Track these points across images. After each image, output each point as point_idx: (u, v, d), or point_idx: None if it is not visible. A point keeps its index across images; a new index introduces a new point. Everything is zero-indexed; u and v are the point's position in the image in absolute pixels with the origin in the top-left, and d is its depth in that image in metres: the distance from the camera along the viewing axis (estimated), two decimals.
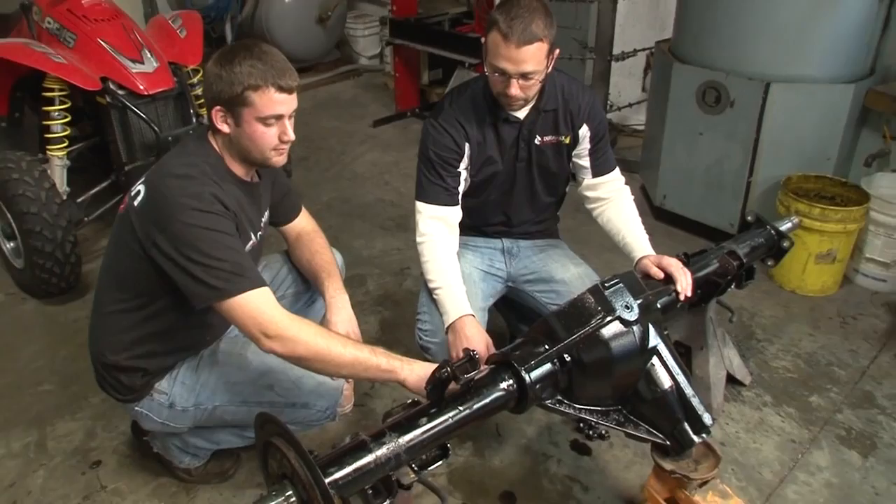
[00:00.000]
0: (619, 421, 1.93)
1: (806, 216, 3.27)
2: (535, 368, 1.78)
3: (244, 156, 1.98)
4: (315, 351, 1.80)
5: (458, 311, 2.23)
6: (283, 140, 1.94)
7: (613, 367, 1.84)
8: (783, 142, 3.55)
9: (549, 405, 1.86)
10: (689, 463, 1.95)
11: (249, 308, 1.82)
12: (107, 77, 3.44)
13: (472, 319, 2.23)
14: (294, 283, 2.44)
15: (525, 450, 2.59)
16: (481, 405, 1.71)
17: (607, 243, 2.58)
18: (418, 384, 1.77)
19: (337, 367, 1.82)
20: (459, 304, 2.26)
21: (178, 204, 1.82)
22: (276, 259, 2.47)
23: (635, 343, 1.85)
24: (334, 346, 1.81)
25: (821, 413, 2.75)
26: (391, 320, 3.30)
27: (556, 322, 1.87)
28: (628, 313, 1.85)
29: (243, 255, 1.87)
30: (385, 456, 1.55)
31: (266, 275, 2.40)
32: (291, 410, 2.14)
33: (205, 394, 2.13)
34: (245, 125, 1.90)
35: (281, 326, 1.81)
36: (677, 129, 3.84)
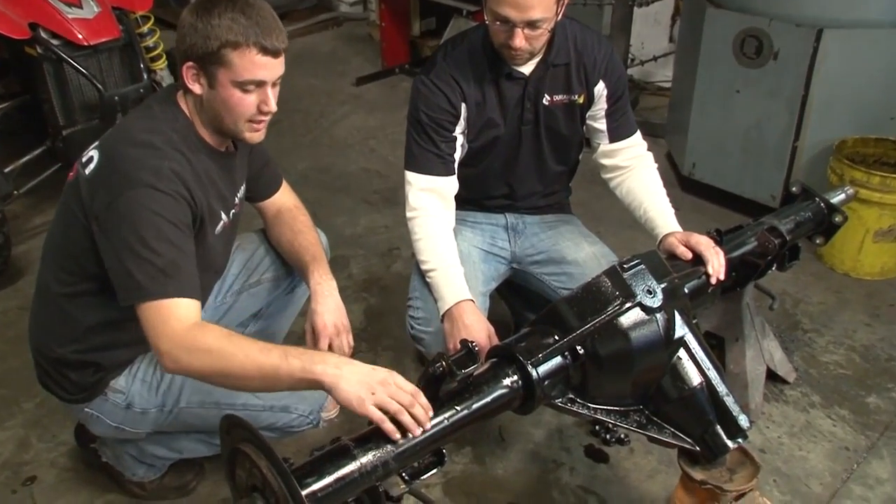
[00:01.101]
0: (640, 423, 1.96)
1: (863, 186, 3.28)
2: (543, 362, 1.81)
3: (215, 123, 1.98)
4: (211, 364, 1.75)
5: (456, 297, 2.27)
6: (263, 111, 1.94)
7: (634, 361, 1.87)
8: (837, 99, 3.55)
9: (559, 405, 1.89)
10: (723, 472, 1.98)
11: (157, 316, 1.79)
12: (37, 24, 3.38)
13: (472, 306, 2.26)
14: (272, 266, 2.46)
15: (532, 456, 2.63)
16: (481, 405, 1.75)
17: (627, 219, 2.60)
18: (350, 396, 1.65)
19: (242, 381, 1.77)
20: (457, 288, 2.29)
21: (133, 178, 1.82)
22: (251, 239, 2.48)
23: (659, 333, 1.88)
24: (233, 356, 1.74)
25: (880, 416, 2.78)
26: (378, 308, 3.33)
27: (567, 309, 1.89)
28: (651, 299, 1.88)
29: (185, 256, 1.85)
30: (371, 464, 1.58)
31: (239, 257, 2.43)
32: (269, 414, 2.16)
33: (170, 394, 2.15)
34: (220, 88, 1.89)
35: (176, 339, 1.77)
36: (710, 85, 3.84)
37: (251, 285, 2.45)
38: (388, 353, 3.07)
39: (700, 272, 2.22)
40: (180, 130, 1.95)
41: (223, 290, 2.43)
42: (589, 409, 1.92)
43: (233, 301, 2.44)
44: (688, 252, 2.26)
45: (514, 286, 2.76)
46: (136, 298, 1.81)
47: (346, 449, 1.59)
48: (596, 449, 2.64)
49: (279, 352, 1.73)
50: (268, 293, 2.48)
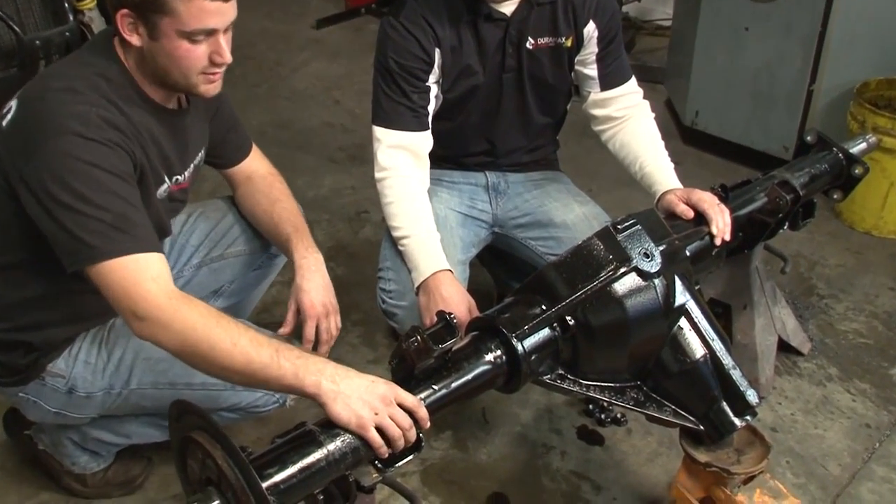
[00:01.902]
0: (638, 400, 2.00)
1: (887, 134, 3.31)
2: (529, 335, 1.84)
3: (161, 79, 1.94)
4: (193, 344, 1.75)
5: (432, 266, 2.28)
6: (216, 62, 1.91)
7: (630, 332, 1.90)
8: (858, 37, 3.57)
9: (548, 381, 1.92)
10: (730, 453, 2.02)
11: (124, 277, 1.77)
12: None
13: (450, 276, 2.28)
14: (240, 239, 2.46)
15: (519, 440, 2.67)
16: (462, 383, 1.77)
17: (622, 176, 2.63)
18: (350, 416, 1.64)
19: (223, 370, 1.76)
20: (433, 256, 2.30)
21: (55, 125, 1.78)
22: (217, 207, 2.48)
23: (657, 301, 1.91)
24: (220, 342, 1.73)
25: None
26: (345, 279, 3.34)
27: (555, 276, 1.92)
28: (648, 263, 1.91)
29: (133, 207, 1.83)
30: (340, 451, 1.60)
31: (201, 226, 2.43)
32: (231, 394, 2.17)
33: (118, 375, 2.15)
34: (164, 40, 1.84)
35: (155, 305, 1.75)
36: (715, 23, 3.85)
37: (214, 259, 2.45)
38: (357, 329, 3.10)
39: (703, 232, 2.24)
40: (114, 80, 1.91)
41: (180, 262, 2.42)
42: (581, 386, 1.95)
43: (191, 275, 2.44)
44: (689, 210, 2.29)
45: (497, 252, 2.79)
46: (88, 260, 1.77)
47: (311, 435, 1.61)
48: (589, 430, 2.68)
49: (271, 349, 1.72)
50: (232, 269, 2.48)
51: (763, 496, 2.01)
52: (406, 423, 1.66)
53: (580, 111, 2.65)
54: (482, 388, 1.84)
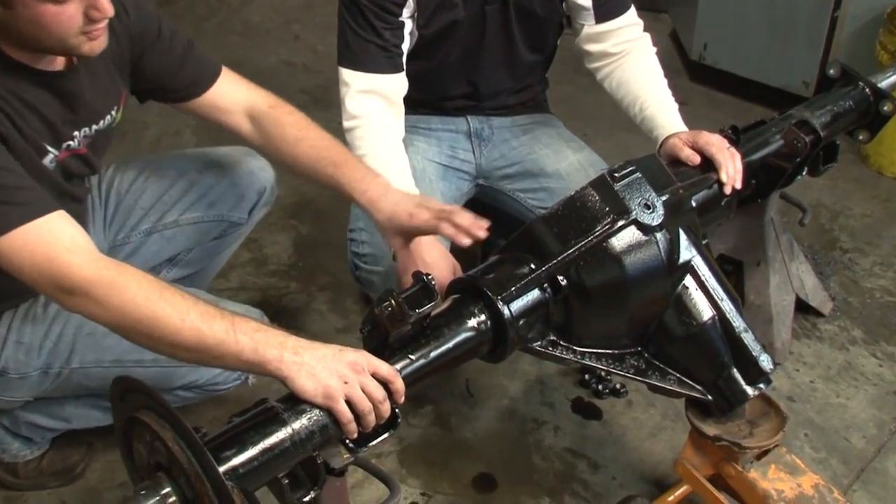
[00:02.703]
0: (639, 369, 2.02)
1: None
2: (516, 297, 1.85)
3: (34, 46, 1.89)
4: (134, 321, 1.72)
5: None
6: (94, 17, 1.84)
7: (629, 293, 1.92)
8: None
9: (538, 349, 1.94)
10: (742, 426, 2.05)
11: (33, 251, 1.73)
12: None
13: (431, 236, 2.26)
14: (198, 204, 2.44)
15: (507, 414, 2.70)
16: (442, 352, 1.79)
17: (620, 118, 2.64)
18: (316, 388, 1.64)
19: (171, 348, 1.74)
20: None
21: None
22: (174, 164, 2.46)
23: (660, 257, 1.93)
24: (166, 317, 1.70)
25: None
26: (311, 239, 3.37)
27: (545, 231, 1.93)
28: (649, 215, 1.92)
29: (7, 171, 1.79)
30: (306, 429, 1.61)
31: (152, 187, 2.41)
32: (188, 370, 2.18)
33: (57, 353, 2.14)
34: (20, 8, 1.77)
35: (82, 278, 1.72)
36: None
37: (166, 226, 2.45)
38: (324, 294, 3.12)
39: (711, 180, 2.26)
40: None
41: (126, 227, 2.42)
42: (575, 353, 1.97)
43: (139, 242, 2.44)
44: (695, 155, 2.30)
45: (482, 207, 2.76)
46: None
47: (273, 412, 1.62)
48: (586, 403, 2.73)
49: (225, 322, 1.70)
50: (188, 237, 2.48)
51: (778, 472, 2.05)
52: (380, 394, 1.66)
53: (572, 46, 2.64)
54: (465, 358, 1.86)
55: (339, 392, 1.63)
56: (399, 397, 1.70)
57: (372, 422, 1.67)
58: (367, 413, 1.65)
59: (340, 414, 1.63)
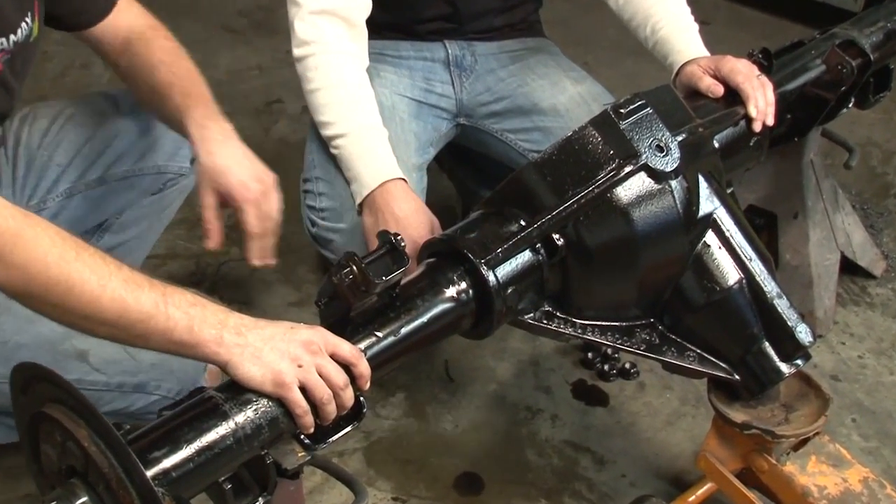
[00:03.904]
0: (652, 344, 2.02)
1: None
2: (503, 260, 1.85)
3: None
4: (43, 284, 1.67)
5: (380, 174, 2.27)
6: None
7: (639, 253, 1.92)
8: None
9: (531, 322, 1.94)
10: (776, 410, 2.06)
11: None
12: None
13: (404, 187, 2.27)
14: (129, 154, 2.42)
15: (495, 403, 2.71)
16: (414, 328, 1.79)
17: (628, 42, 2.63)
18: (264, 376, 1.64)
19: (86, 321, 1.70)
20: (380, 160, 2.30)
21: None
22: (95, 107, 2.44)
23: (675, 210, 1.92)
24: (83, 281, 1.66)
25: None
26: None
27: (538, 179, 1.93)
28: (662, 158, 1.91)
29: None
30: (252, 423, 1.60)
31: (70, 138, 2.39)
32: (118, 398, 2.16)
33: None
34: None
35: None
36: None
37: (91, 185, 2.43)
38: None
39: (737, 115, 2.25)
40: None
41: (41, 189, 2.40)
42: (575, 326, 1.97)
43: (58, 208, 2.41)
44: (718, 86, 2.29)
45: (463, 152, 2.80)
46: None
47: (212, 403, 1.60)
48: (589, 387, 2.74)
49: (155, 293, 1.67)
50: (118, 197, 2.46)
51: (820, 465, 2.06)
52: (340, 379, 1.65)
53: None
54: (443, 334, 1.87)
55: (292, 378, 1.62)
56: (364, 383, 1.70)
57: (332, 412, 1.66)
58: (325, 402, 1.64)
59: (294, 404, 1.62)
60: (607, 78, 2.74)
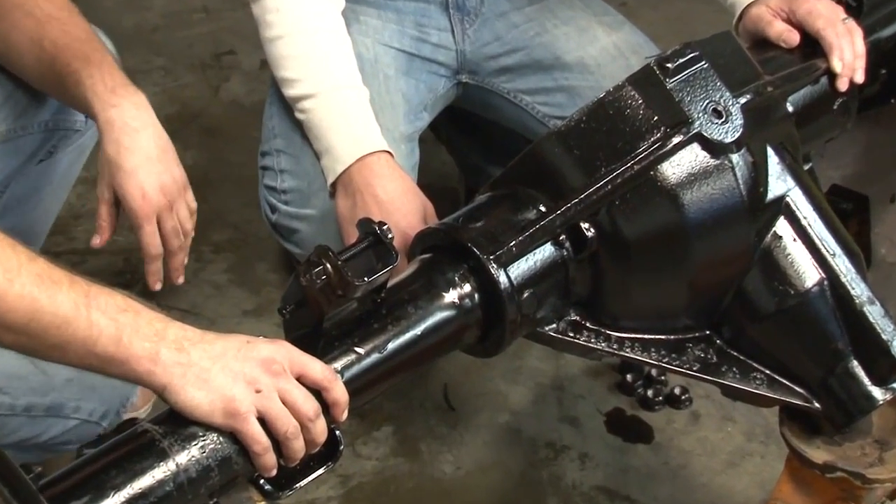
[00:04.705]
0: (707, 363, 2.05)
1: None
2: (518, 256, 1.87)
3: None
4: None
5: (359, 146, 2.30)
6: None
7: (690, 247, 1.95)
8: None
9: (553, 335, 1.97)
10: (867, 448, 2.08)
11: None
12: None
13: (389, 161, 2.31)
14: (8, 116, 2.43)
15: (507, 438, 2.74)
16: (404, 342, 1.81)
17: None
18: (212, 405, 1.63)
19: None
20: (360, 128, 2.33)
21: None
22: None
23: (736, 191, 1.95)
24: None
25: None
26: (199, 172, 3.36)
27: (561, 153, 1.96)
28: (720, 126, 1.93)
29: None
30: (198, 465, 1.61)
31: None
32: (25, 424, 2.20)
33: None
34: None
35: None
36: None
37: None
38: (222, 258, 3.17)
39: (817, 70, 2.27)
40: None
41: None
42: (610, 341, 2.00)
43: None
44: (793, 33, 2.31)
45: (466, 118, 2.85)
46: None
47: (147, 439, 1.62)
48: (628, 418, 2.78)
49: (76, 291, 1.65)
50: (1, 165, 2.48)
51: None
52: (310, 407, 1.64)
53: None
54: (441, 351, 1.90)
55: (248, 405, 1.61)
56: (340, 412, 1.71)
57: (299, 450, 1.66)
58: (291, 437, 1.64)
59: (251, 438, 1.62)
60: (650, 23, 2.79)
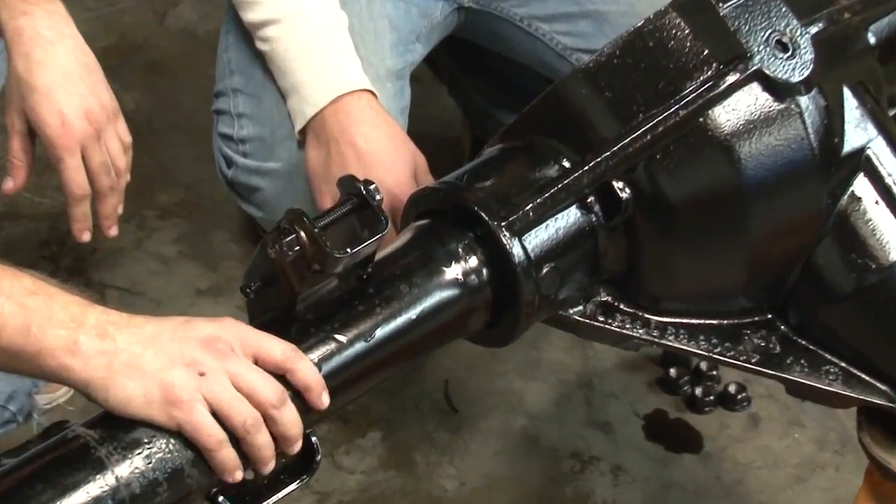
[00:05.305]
0: (769, 353, 2.06)
1: None
2: (536, 222, 1.88)
3: None
4: None
5: (333, 83, 2.32)
6: None
7: (748, 211, 1.95)
8: None
9: (579, 320, 1.98)
10: None
11: None
12: None
13: (371, 102, 2.33)
14: None
15: (522, 445, 2.76)
16: (396, 328, 1.82)
17: None
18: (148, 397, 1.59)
19: None
20: (334, 61, 2.35)
21: None
22: None
23: (805, 142, 1.95)
24: None
25: None
26: (143, 117, 3.42)
27: (589, 95, 1.96)
28: (785, 62, 1.94)
29: None
30: (142, 476, 1.60)
31: None
32: None
33: None
34: None
35: None
36: None
37: None
38: (169, 225, 3.19)
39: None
40: None
41: None
42: (650, 326, 2.01)
43: None
44: None
45: (471, 52, 2.87)
46: None
47: (79, 445, 1.61)
48: (671, 422, 2.80)
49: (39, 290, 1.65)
50: None
51: None
52: (271, 392, 1.61)
53: None
54: (441, 339, 1.91)
55: (191, 392, 1.58)
56: (316, 398, 1.67)
57: (265, 447, 1.62)
58: (251, 429, 1.60)
59: (199, 431, 1.58)
60: None
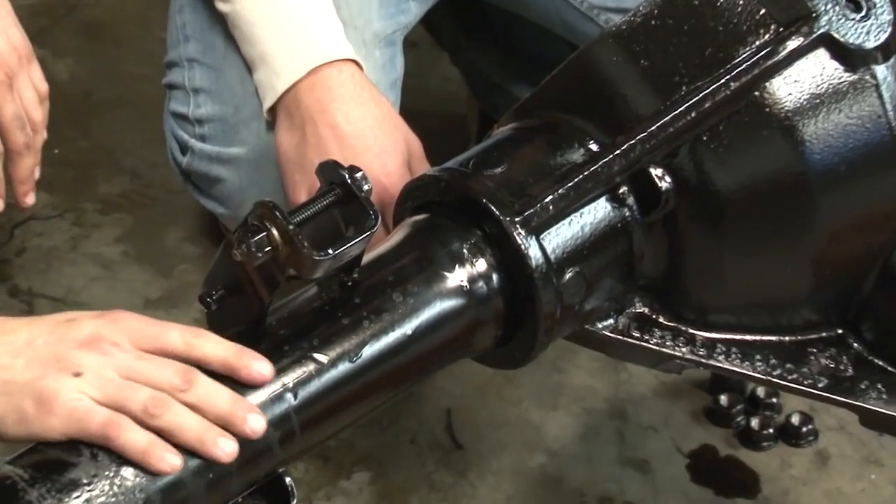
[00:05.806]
0: (839, 377, 2.05)
1: None
2: (557, 217, 1.88)
3: None
4: None
5: (310, 53, 2.32)
6: None
7: (814, 205, 1.95)
8: None
9: (610, 336, 1.98)
10: None
11: None
12: None
13: (355, 76, 2.33)
14: None
15: (542, 487, 2.76)
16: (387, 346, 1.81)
17: None
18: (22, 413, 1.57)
19: None
20: (310, 25, 2.35)
21: None
22: None
23: (882, 121, 1.95)
24: None
25: None
26: (80, 87, 3.46)
27: (621, 64, 1.96)
28: (858, 24, 1.94)
29: None
30: None
31: None
32: None
33: None
34: None
35: None
36: None
37: None
38: (112, 222, 3.20)
39: None
40: None
41: None
42: (695, 344, 2.01)
43: None
44: None
45: (477, 13, 2.87)
46: None
47: (8, 488, 1.60)
48: (722, 459, 2.79)
49: None
50: None
51: None
52: (171, 373, 1.59)
53: None
54: (442, 358, 1.91)
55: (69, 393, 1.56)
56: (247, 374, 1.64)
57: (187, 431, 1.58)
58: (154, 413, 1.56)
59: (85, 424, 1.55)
60: None
